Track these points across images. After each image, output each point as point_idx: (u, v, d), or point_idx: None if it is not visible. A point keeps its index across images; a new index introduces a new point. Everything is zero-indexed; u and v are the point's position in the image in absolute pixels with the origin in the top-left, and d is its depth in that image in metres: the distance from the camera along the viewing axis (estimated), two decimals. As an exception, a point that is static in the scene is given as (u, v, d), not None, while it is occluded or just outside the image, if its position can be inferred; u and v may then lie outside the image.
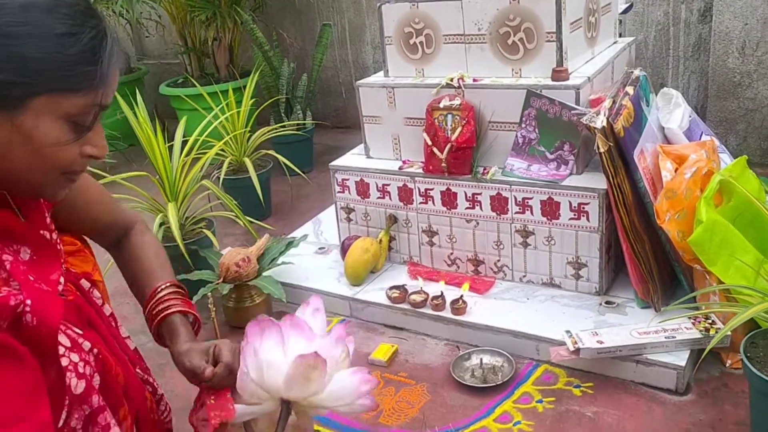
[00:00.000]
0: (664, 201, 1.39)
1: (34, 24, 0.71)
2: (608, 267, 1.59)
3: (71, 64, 0.73)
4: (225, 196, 2.00)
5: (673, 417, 1.29)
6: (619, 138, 1.40)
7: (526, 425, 1.31)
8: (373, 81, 1.82)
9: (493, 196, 1.64)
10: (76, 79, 0.74)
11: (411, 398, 1.43)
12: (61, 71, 0.73)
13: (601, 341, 1.37)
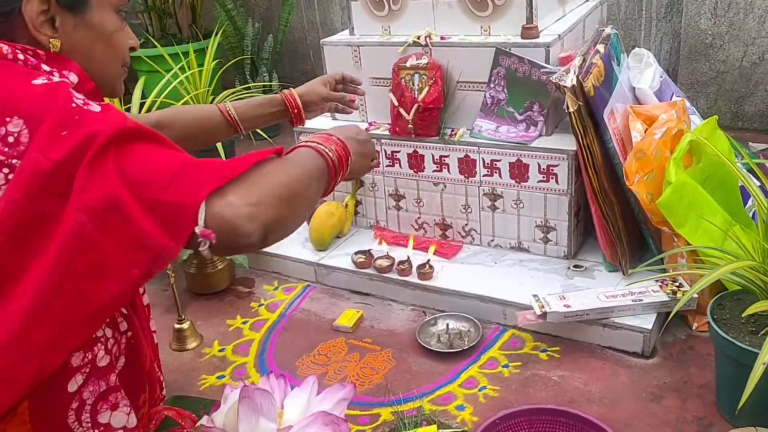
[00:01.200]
0: (634, 162, 1.36)
1: None
2: (577, 230, 1.57)
3: None
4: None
5: (638, 380, 1.28)
6: (588, 97, 1.36)
7: (491, 390, 1.29)
8: (338, 39, 1.75)
9: (461, 158, 1.60)
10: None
11: (375, 364, 1.40)
12: None
13: (568, 305, 1.35)
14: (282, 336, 1.53)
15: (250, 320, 1.59)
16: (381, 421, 1.24)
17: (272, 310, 1.62)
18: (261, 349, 1.49)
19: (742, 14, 2.19)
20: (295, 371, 1.40)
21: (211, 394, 1.35)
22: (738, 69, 2.27)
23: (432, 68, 1.57)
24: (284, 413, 1.14)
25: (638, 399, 1.24)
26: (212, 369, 1.44)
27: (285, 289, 1.70)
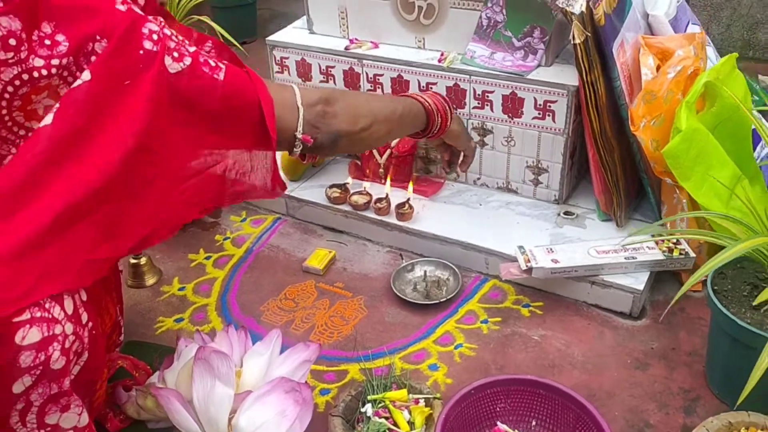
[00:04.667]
0: (642, 105, 1.22)
1: None
2: (570, 174, 1.45)
3: None
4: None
5: (624, 344, 1.20)
6: (598, 27, 1.20)
7: (468, 348, 1.21)
8: (316, -61, 1.54)
9: (449, 86, 1.44)
10: None
11: (346, 313, 1.31)
12: None
13: (556, 260, 1.25)
14: (247, 275, 1.42)
15: (213, 255, 1.48)
16: (348, 379, 1.16)
17: (238, 245, 1.51)
18: (224, 290, 1.38)
19: (770, -71, 1.98)
20: (260, 317, 1.30)
21: (167, 340, 1.25)
22: (758, -9, 2.08)
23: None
24: (243, 372, 1.06)
25: (623, 365, 1.16)
26: (171, 310, 1.33)
27: (253, 221, 1.58)
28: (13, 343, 0.70)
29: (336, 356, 1.21)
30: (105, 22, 0.78)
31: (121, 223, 0.80)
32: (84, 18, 0.77)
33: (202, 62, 0.84)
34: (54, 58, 0.76)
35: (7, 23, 0.73)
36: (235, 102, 0.87)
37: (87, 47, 0.77)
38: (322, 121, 0.97)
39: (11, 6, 0.73)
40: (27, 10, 0.74)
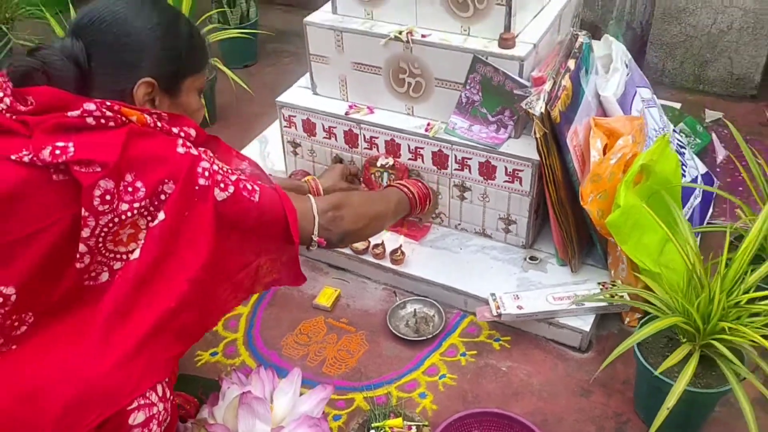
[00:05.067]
0: (589, 184, 1.51)
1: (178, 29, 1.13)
2: (535, 224, 1.74)
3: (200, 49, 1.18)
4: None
5: (573, 374, 1.52)
6: (554, 124, 1.47)
7: (449, 379, 1.51)
8: (320, 20, 1.77)
9: (435, 151, 1.71)
10: (202, 61, 1.19)
11: (351, 347, 1.61)
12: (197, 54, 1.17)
13: (521, 306, 1.55)
14: (267, 312, 1.71)
15: (237, 293, 1.76)
16: (355, 406, 1.46)
17: (257, 282, 1.79)
18: (249, 325, 1.68)
19: (718, -18, 2.23)
20: (281, 351, 1.60)
21: (206, 371, 1.55)
22: (706, 35, 2.34)
23: (399, 169, 1.72)
24: (274, 407, 1.35)
25: (571, 393, 1.48)
26: (206, 345, 1.62)
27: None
28: (127, 424, 0.99)
29: (344, 386, 1.51)
30: (171, 167, 1.04)
31: (190, 327, 1.08)
32: (156, 166, 1.03)
33: (242, 188, 1.11)
34: (135, 202, 1.02)
35: (104, 184, 0.99)
36: (267, 217, 1.15)
37: (159, 189, 1.03)
38: (332, 224, 1.26)
39: (107, 170, 0.99)
40: (116, 169, 1.00)
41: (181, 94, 1.16)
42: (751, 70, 2.34)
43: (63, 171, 0.99)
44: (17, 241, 0.99)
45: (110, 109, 1.02)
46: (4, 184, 0.98)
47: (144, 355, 1.01)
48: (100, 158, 0.99)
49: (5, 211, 0.98)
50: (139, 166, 1.02)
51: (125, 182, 1.01)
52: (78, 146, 0.99)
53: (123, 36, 1.09)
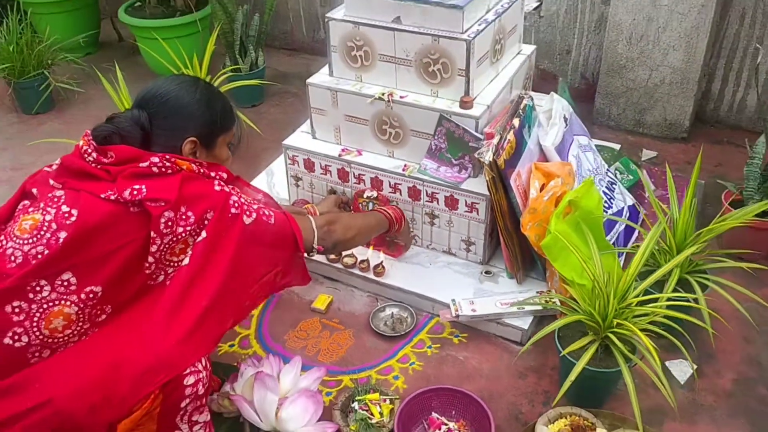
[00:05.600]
0: (527, 215, 1.94)
1: (214, 101, 1.60)
2: (490, 245, 2.16)
3: (230, 113, 1.64)
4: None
5: (515, 363, 1.93)
6: (500, 169, 1.90)
7: (418, 365, 1.93)
8: (320, 82, 2.21)
9: (410, 187, 2.14)
10: (231, 121, 1.65)
11: (341, 341, 2.03)
12: (227, 119, 1.63)
13: (474, 309, 1.98)
14: (273, 313, 2.13)
15: (250, 298, 2.18)
16: (342, 386, 1.88)
17: (266, 290, 2.21)
18: (259, 323, 2.09)
19: (650, 45, 2.68)
20: (285, 344, 2.02)
21: (226, 359, 1.96)
22: (643, 87, 2.79)
23: (382, 200, 2.16)
24: (280, 383, 1.77)
25: (511, 376, 1.89)
26: (224, 339, 2.03)
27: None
28: (182, 385, 1.40)
29: (335, 371, 1.92)
30: (211, 201, 1.48)
31: (228, 312, 1.50)
32: (201, 201, 1.47)
33: (261, 214, 1.55)
34: (188, 226, 1.45)
35: (168, 214, 1.42)
36: (280, 234, 1.59)
37: (203, 216, 1.47)
38: (327, 235, 1.71)
39: (169, 205, 1.42)
40: (176, 203, 1.43)
41: (215, 148, 1.62)
42: (681, 116, 2.79)
43: (138, 205, 1.42)
44: (105, 254, 1.42)
45: (168, 161, 1.46)
46: (97, 214, 1.41)
47: (196, 335, 1.43)
48: (164, 196, 1.42)
49: (98, 234, 1.41)
50: (189, 201, 1.46)
51: (180, 212, 1.45)
52: (149, 188, 1.43)
53: (176, 108, 1.54)
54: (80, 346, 1.43)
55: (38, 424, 1.35)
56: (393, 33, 2.03)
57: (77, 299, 1.40)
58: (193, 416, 1.48)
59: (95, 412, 1.36)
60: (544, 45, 3.07)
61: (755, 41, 2.69)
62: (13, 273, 1.37)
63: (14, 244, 1.40)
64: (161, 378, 1.38)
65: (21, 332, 1.38)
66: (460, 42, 1.94)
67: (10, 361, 1.38)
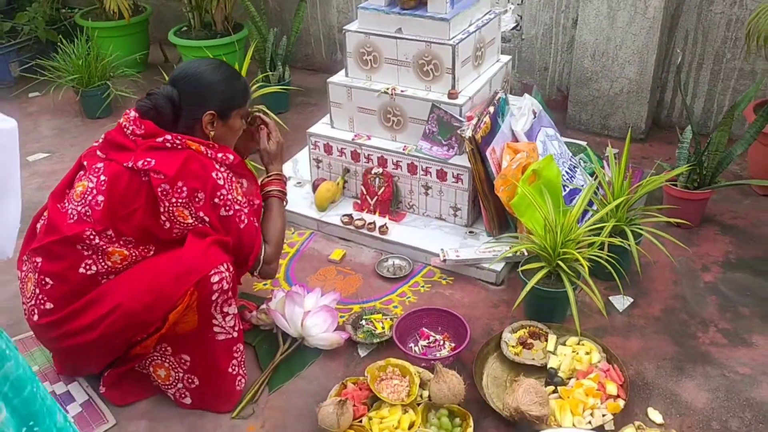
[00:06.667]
0: (500, 180, 2.46)
1: (234, 81, 1.97)
2: (473, 211, 2.68)
3: (244, 92, 2.01)
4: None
5: (490, 297, 2.43)
6: (478, 143, 2.44)
7: (413, 298, 2.43)
8: (338, 80, 2.78)
9: (409, 163, 2.68)
10: (245, 98, 2.00)
11: (352, 282, 2.53)
12: (242, 96, 1.99)
13: (458, 255, 2.49)
14: (298, 264, 2.64)
15: (279, 252, 2.70)
16: (353, 311, 2.38)
17: (291, 246, 2.73)
18: (286, 270, 2.61)
19: (610, 61, 3.24)
20: (307, 284, 2.53)
21: (261, 293, 2.47)
22: (606, 96, 3.34)
23: (386, 176, 2.68)
24: (305, 301, 2.27)
25: (486, 306, 2.39)
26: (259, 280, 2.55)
27: (299, 233, 2.81)
28: (210, 282, 1.84)
29: (348, 302, 2.43)
30: (203, 184, 1.81)
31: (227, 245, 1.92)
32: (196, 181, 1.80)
33: (237, 215, 1.89)
34: (180, 198, 1.78)
35: (164, 186, 1.75)
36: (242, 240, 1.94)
37: (195, 195, 1.80)
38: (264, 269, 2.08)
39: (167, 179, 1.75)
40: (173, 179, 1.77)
41: (230, 119, 1.96)
42: (638, 120, 3.33)
43: (146, 174, 1.78)
44: (128, 213, 1.82)
45: (179, 140, 1.84)
46: (119, 181, 1.82)
47: (210, 251, 1.85)
48: (164, 171, 1.78)
49: (120, 197, 1.81)
50: (186, 178, 1.80)
51: (177, 186, 1.79)
52: (157, 161, 1.79)
53: (202, 86, 1.91)
54: (135, 269, 1.89)
55: (113, 322, 1.83)
56: (396, 41, 2.60)
57: (120, 245, 1.86)
58: (224, 308, 1.92)
59: (151, 309, 1.83)
60: (526, 63, 3.64)
61: (697, 58, 3.25)
62: (72, 227, 1.84)
63: (72, 205, 1.88)
64: (193, 278, 1.81)
65: (90, 263, 1.86)
66: (447, 46, 2.51)
67: (86, 284, 1.87)
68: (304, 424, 1.96)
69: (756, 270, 2.49)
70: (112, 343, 1.86)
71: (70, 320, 1.83)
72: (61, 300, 1.84)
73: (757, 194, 2.91)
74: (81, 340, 1.83)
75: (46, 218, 1.92)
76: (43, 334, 1.91)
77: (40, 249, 1.87)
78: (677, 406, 1.97)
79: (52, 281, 1.85)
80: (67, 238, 1.83)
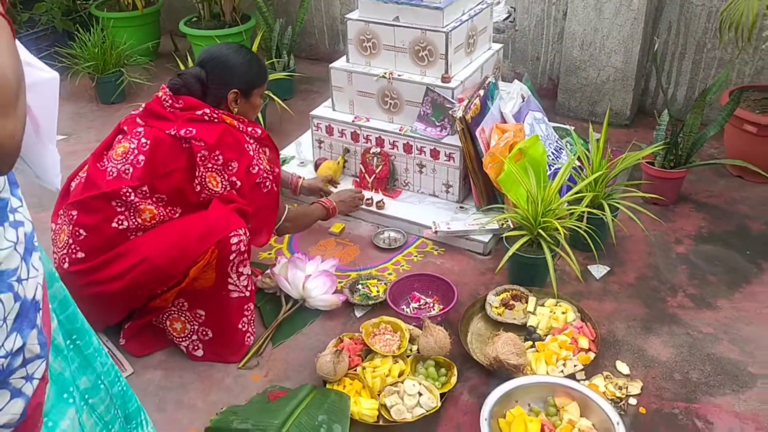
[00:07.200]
0: (488, 157, 2.66)
1: (254, 63, 2.23)
2: (464, 188, 2.88)
3: (264, 73, 2.27)
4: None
5: (478, 265, 2.63)
6: (468, 123, 2.63)
7: (407, 266, 2.63)
8: (339, 66, 2.97)
9: (405, 143, 2.88)
10: (264, 78, 2.26)
11: (350, 252, 2.73)
12: (262, 76, 2.25)
13: (449, 227, 2.69)
14: (301, 236, 2.84)
15: (283, 225, 2.90)
16: (351, 278, 2.58)
17: (295, 221, 2.93)
18: (290, 241, 2.81)
19: (597, 50, 3.43)
20: (308, 253, 2.73)
21: (266, 261, 2.67)
22: (594, 84, 3.53)
23: (383, 155, 2.87)
24: (306, 266, 2.47)
25: (474, 273, 2.59)
26: (266, 249, 2.75)
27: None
28: (229, 242, 2.07)
29: (346, 269, 2.63)
30: (237, 155, 2.08)
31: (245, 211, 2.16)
32: (231, 151, 2.07)
33: (263, 183, 2.17)
34: (216, 165, 2.04)
35: (204, 152, 2.04)
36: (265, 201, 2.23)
37: (229, 164, 2.07)
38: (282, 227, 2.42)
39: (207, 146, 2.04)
40: (212, 147, 2.06)
41: (252, 97, 2.21)
42: (624, 107, 3.52)
43: (187, 141, 2.08)
44: (166, 173, 2.07)
45: (216, 114, 2.10)
46: (162, 145, 2.07)
47: (231, 216, 2.08)
48: (205, 139, 2.04)
49: (161, 158, 2.07)
50: (223, 148, 2.06)
51: (214, 154, 2.05)
52: (197, 130, 2.08)
53: (226, 68, 2.15)
54: (162, 227, 2.11)
55: (139, 274, 2.05)
56: (393, 28, 2.79)
57: (152, 202, 2.08)
58: (239, 268, 2.15)
59: (175, 263, 2.05)
60: (519, 53, 3.83)
61: (680, 48, 3.43)
62: (111, 184, 2.07)
63: (111, 164, 2.11)
64: (215, 237, 2.04)
65: (123, 219, 2.08)
66: (441, 34, 2.70)
67: (117, 238, 2.09)
68: (303, 374, 2.17)
69: (726, 242, 2.68)
70: (135, 293, 2.06)
71: (99, 270, 2.04)
72: (93, 250, 2.05)
73: (732, 175, 3.10)
74: (107, 289, 2.03)
75: (85, 176, 2.14)
76: (73, 282, 2.11)
77: (77, 203, 2.08)
78: (643, 360, 2.16)
79: (86, 233, 2.06)
80: (105, 194, 2.05)
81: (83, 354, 1.26)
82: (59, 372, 1.14)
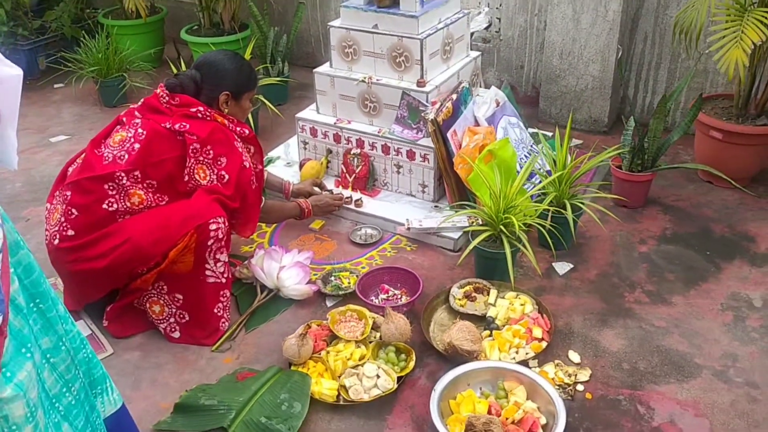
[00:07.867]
0: (458, 158, 2.78)
1: (245, 69, 2.45)
2: (439, 188, 3.01)
3: (254, 79, 2.49)
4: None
5: (447, 261, 2.75)
6: (440, 125, 2.77)
7: (380, 261, 2.76)
8: (323, 71, 3.12)
9: (383, 144, 3.01)
10: (254, 84, 2.49)
11: (328, 247, 2.87)
12: (252, 82, 2.47)
13: (421, 223, 2.81)
14: (282, 231, 2.98)
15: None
16: (325, 271, 2.71)
17: (278, 217, 3.08)
18: (271, 236, 2.95)
19: (576, 59, 3.55)
20: (288, 247, 2.86)
21: (246, 254, 2.82)
22: (573, 92, 3.65)
23: (363, 156, 3.02)
24: (282, 258, 2.60)
25: (443, 269, 2.70)
26: (248, 243, 2.90)
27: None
28: (208, 228, 2.23)
29: (321, 263, 2.76)
30: (227, 150, 2.33)
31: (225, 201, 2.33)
32: (220, 147, 2.31)
33: (249, 178, 2.38)
34: (206, 159, 2.29)
35: (196, 145, 2.27)
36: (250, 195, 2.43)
37: (218, 159, 2.31)
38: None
39: (199, 140, 2.28)
40: (203, 141, 2.28)
41: (241, 100, 2.43)
42: (602, 114, 3.63)
43: (181, 135, 2.28)
44: (158, 161, 2.26)
45: (209, 112, 2.33)
46: (157, 135, 2.26)
47: (213, 205, 2.25)
48: (197, 133, 2.28)
49: (155, 147, 2.26)
50: (213, 143, 2.29)
51: (206, 148, 2.29)
52: (191, 125, 2.28)
53: (219, 72, 2.41)
54: (149, 212, 2.28)
55: (122, 254, 2.21)
56: (372, 35, 2.94)
57: (142, 188, 2.26)
58: (217, 254, 2.30)
59: (156, 244, 2.22)
60: (504, 62, 3.96)
61: (655, 57, 3.54)
62: (105, 167, 2.24)
63: (108, 150, 2.29)
64: (195, 222, 2.21)
65: (113, 201, 2.25)
66: (416, 40, 2.84)
67: (106, 219, 2.26)
68: (272, 357, 2.30)
69: (688, 243, 2.78)
70: (117, 272, 2.23)
71: (86, 248, 2.20)
72: (82, 229, 2.23)
73: (701, 180, 3.20)
74: (93, 266, 2.20)
75: (82, 161, 2.33)
76: (60, 257, 2.27)
77: (72, 184, 2.27)
78: (595, 350, 2.27)
79: (78, 212, 2.23)
80: (100, 176, 2.24)
81: (46, 317, 1.40)
82: (18, 329, 1.28)
